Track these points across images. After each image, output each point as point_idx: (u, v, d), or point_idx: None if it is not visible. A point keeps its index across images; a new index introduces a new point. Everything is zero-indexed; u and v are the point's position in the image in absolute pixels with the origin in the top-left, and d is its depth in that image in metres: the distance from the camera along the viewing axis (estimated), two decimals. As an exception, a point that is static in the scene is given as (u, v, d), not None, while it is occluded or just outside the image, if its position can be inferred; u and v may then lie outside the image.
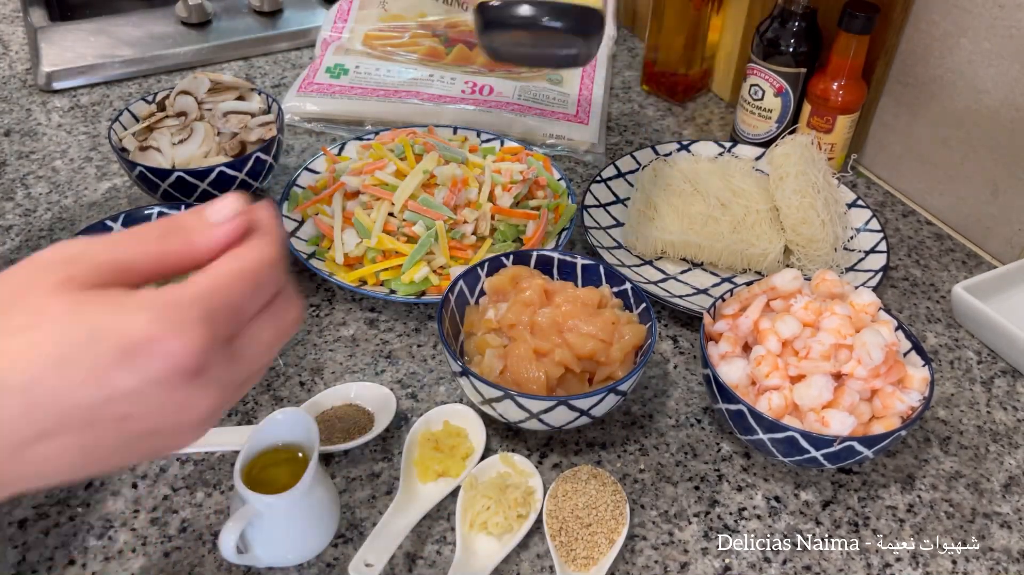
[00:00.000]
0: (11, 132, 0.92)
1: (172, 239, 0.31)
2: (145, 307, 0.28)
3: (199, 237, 0.31)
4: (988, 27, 0.72)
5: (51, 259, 0.29)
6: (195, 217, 0.32)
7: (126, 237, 0.31)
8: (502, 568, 0.52)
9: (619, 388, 0.54)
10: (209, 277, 0.30)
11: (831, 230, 0.72)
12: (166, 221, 0.32)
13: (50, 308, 0.27)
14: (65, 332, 0.27)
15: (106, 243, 0.30)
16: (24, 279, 0.28)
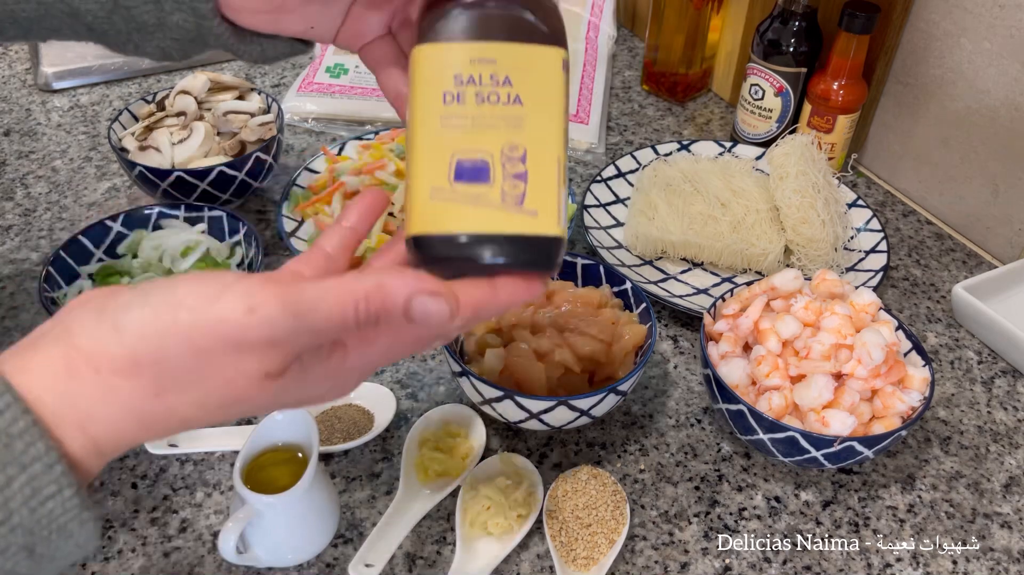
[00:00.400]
0: (11, 132, 0.92)
1: (367, 328, 0.31)
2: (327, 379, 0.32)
3: (389, 331, 0.33)
4: (988, 27, 0.72)
5: (253, 346, 0.29)
6: (403, 312, 0.31)
7: (330, 322, 0.30)
8: (502, 568, 0.52)
9: (619, 388, 0.54)
10: None
11: (831, 230, 0.72)
12: (377, 306, 0.30)
13: (249, 400, 0.30)
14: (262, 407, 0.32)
15: (311, 333, 0.30)
16: (226, 365, 0.29)
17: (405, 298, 0.30)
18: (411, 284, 0.30)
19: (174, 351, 0.28)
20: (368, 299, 0.30)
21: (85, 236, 0.66)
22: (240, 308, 0.28)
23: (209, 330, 0.28)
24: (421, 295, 0.30)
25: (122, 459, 0.58)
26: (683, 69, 0.98)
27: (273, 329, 0.28)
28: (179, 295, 0.28)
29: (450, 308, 0.31)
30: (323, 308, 0.29)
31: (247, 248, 0.68)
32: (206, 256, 0.67)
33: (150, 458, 0.58)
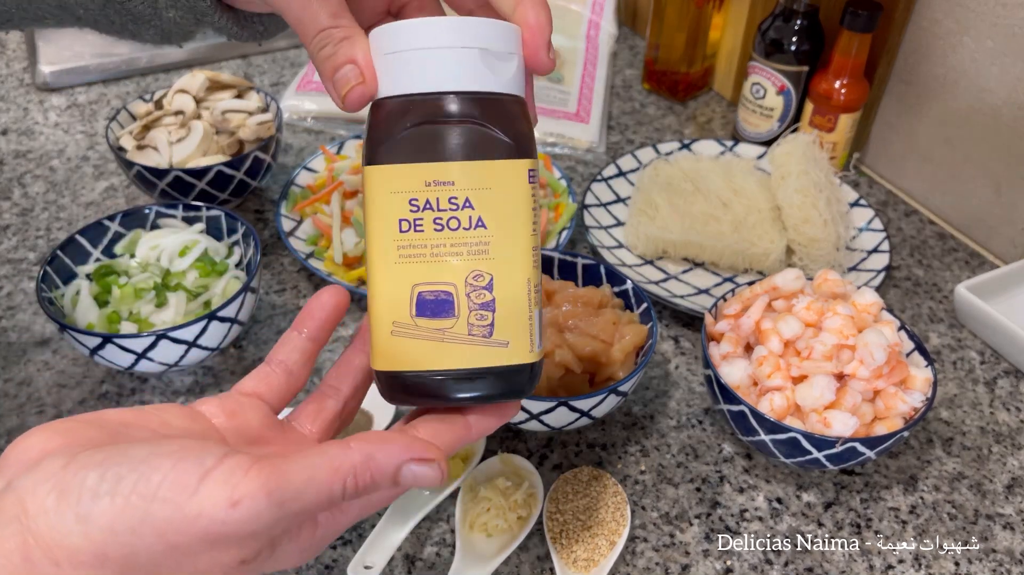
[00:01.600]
0: (8, 131, 0.92)
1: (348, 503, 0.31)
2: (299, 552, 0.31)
3: (373, 497, 0.32)
4: (991, 25, 0.72)
5: (230, 540, 0.27)
6: (392, 481, 0.29)
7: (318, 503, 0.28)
8: (502, 570, 0.52)
9: (620, 389, 0.54)
10: None
11: (833, 229, 0.72)
12: (365, 481, 0.29)
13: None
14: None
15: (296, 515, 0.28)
16: (201, 558, 0.27)
17: (395, 467, 0.29)
18: (401, 454, 0.29)
19: (145, 547, 0.26)
20: (357, 475, 0.28)
21: (83, 235, 0.65)
22: (222, 502, 0.26)
23: (187, 527, 0.25)
24: (411, 464, 0.29)
25: (119, 460, 0.58)
26: (684, 68, 0.98)
27: (258, 522, 0.26)
28: (153, 484, 0.25)
29: (441, 471, 0.30)
30: (311, 492, 0.27)
31: (245, 248, 0.67)
32: (204, 256, 0.66)
33: (148, 459, 0.58)
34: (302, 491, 0.27)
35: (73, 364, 0.65)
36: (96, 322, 0.61)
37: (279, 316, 0.70)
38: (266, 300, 0.71)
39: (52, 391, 0.63)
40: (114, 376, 0.64)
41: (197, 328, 0.58)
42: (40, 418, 0.60)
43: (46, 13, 0.38)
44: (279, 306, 0.71)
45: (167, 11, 0.36)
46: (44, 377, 0.64)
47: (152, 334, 0.56)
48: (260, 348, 0.67)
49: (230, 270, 0.67)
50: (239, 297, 0.59)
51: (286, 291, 0.72)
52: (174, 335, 0.57)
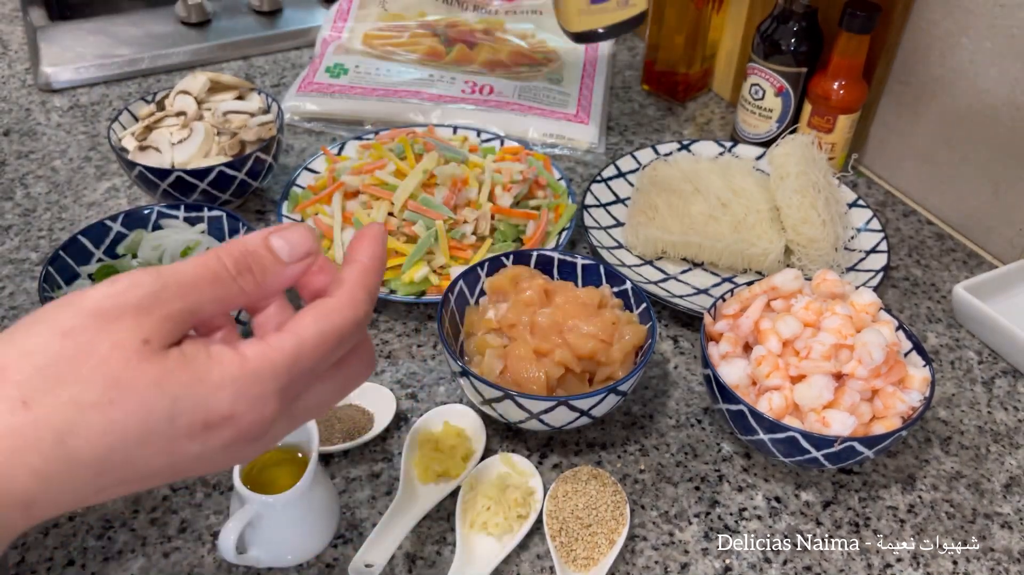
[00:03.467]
0: (10, 132, 0.92)
1: (244, 279, 0.30)
2: (228, 382, 0.28)
3: (271, 278, 0.31)
4: (989, 26, 0.72)
5: (123, 310, 0.27)
6: (266, 251, 0.31)
7: (199, 278, 0.29)
8: (502, 569, 0.52)
9: (619, 388, 0.54)
10: (293, 343, 0.30)
11: (832, 230, 0.72)
12: (237, 253, 0.30)
13: (132, 382, 0.26)
14: (148, 411, 0.26)
15: (179, 287, 0.28)
16: (98, 340, 0.26)
17: (262, 237, 0.31)
18: (263, 231, 0.31)
19: (41, 341, 0.26)
20: (227, 248, 0.30)
21: (85, 236, 0.66)
22: (102, 285, 0.27)
23: (74, 310, 0.26)
24: (274, 232, 0.31)
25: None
26: (683, 69, 0.98)
27: (138, 288, 0.27)
28: (48, 305, 0.27)
29: (309, 230, 0.31)
30: (187, 266, 0.29)
31: (247, 248, 0.68)
32: (206, 256, 0.67)
33: (150, 458, 0.58)
34: (180, 267, 0.29)
35: (75, 364, 0.65)
36: (98, 322, 0.61)
37: (280, 316, 0.70)
38: (267, 300, 0.72)
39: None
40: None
41: (199, 328, 0.58)
42: (43, 417, 0.61)
43: None
44: (280, 306, 0.71)
45: None
46: (46, 377, 0.64)
47: (154, 334, 0.56)
48: (261, 348, 0.67)
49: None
50: (241, 297, 0.60)
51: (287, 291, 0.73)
52: (176, 335, 0.57)
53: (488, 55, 1.03)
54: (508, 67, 1.02)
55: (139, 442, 0.26)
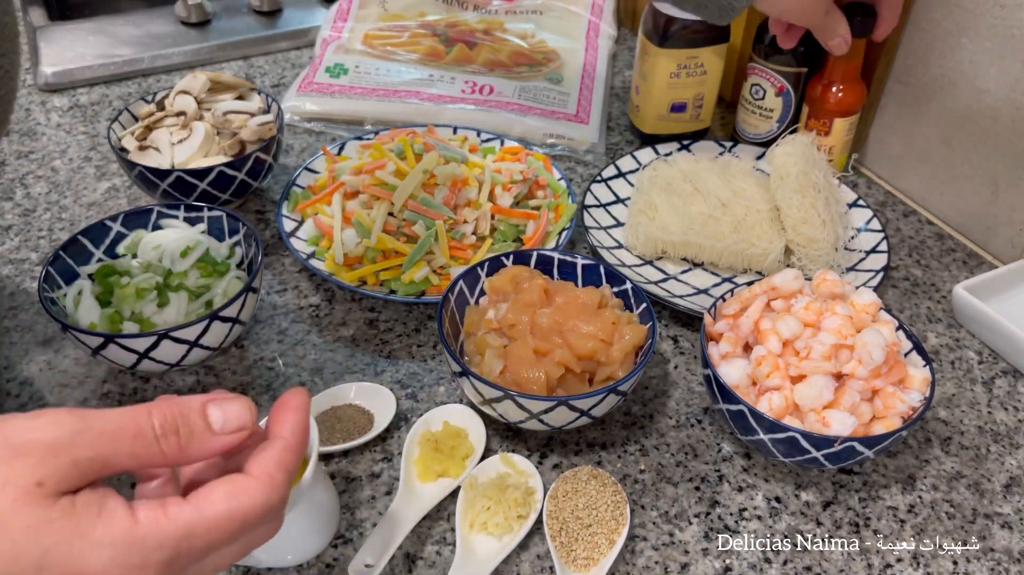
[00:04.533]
0: (10, 132, 0.92)
1: (167, 441, 0.29)
2: (107, 543, 0.27)
3: (196, 445, 0.30)
4: (989, 26, 0.72)
5: (32, 448, 0.26)
6: (199, 418, 0.30)
7: (121, 430, 0.28)
8: (502, 569, 0.52)
9: (619, 388, 0.54)
10: (190, 518, 0.29)
11: (832, 230, 0.72)
12: (169, 414, 0.29)
13: (9, 523, 0.26)
14: (17, 556, 0.26)
15: (98, 435, 0.27)
16: (2, 477, 0.26)
17: (200, 403, 0.30)
18: (202, 398, 0.30)
19: None
20: (161, 407, 0.29)
21: (85, 236, 0.66)
22: (28, 416, 0.27)
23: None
24: (213, 402, 0.30)
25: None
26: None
27: (56, 428, 0.26)
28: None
29: (248, 406, 0.31)
30: (114, 415, 0.28)
31: (247, 248, 0.68)
32: (206, 256, 0.67)
33: (150, 458, 0.58)
34: (108, 416, 0.28)
35: (75, 364, 0.65)
36: (98, 322, 0.61)
37: (280, 316, 0.70)
38: (267, 300, 0.72)
39: (54, 391, 0.63)
40: (116, 376, 0.64)
41: (199, 328, 0.58)
42: (42, 417, 0.61)
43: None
44: (280, 306, 0.71)
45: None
46: (46, 377, 0.64)
47: (154, 334, 0.56)
48: (261, 348, 0.67)
49: (231, 270, 0.67)
50: (240, 297, 0.60)
51: (287, 291, 0.73)
52: (176, 335, 0.57)
53: (488, 55, 1.03)
54: (508, 67, 1.02)
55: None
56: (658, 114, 0.89)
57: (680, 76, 0.86)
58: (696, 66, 0.86)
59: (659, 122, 0.90)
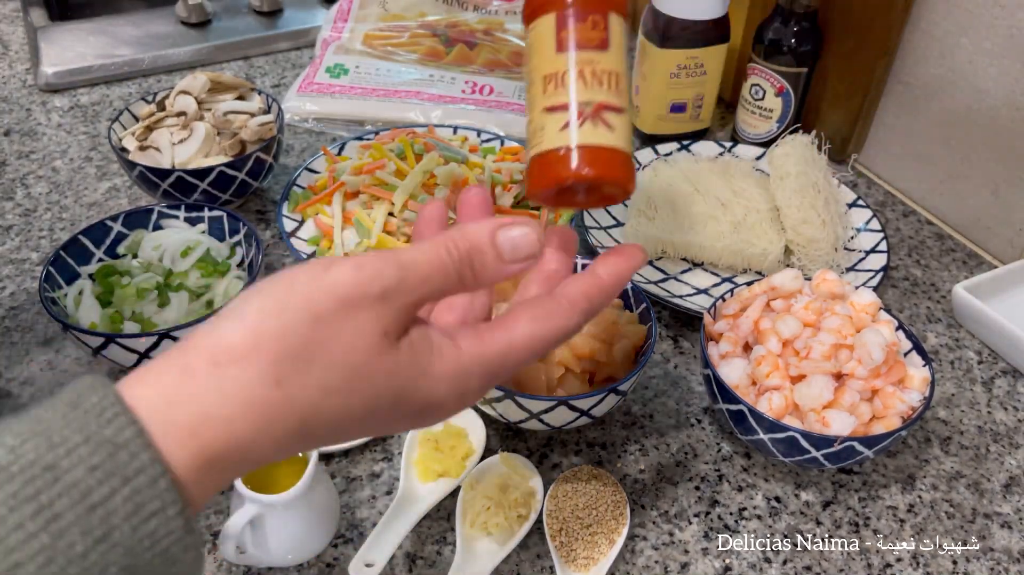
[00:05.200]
0: (11, 132, 0.92)
1: (464, 273, 0.31)
2: (445, 377, 0.30)
3: (489, 275, 0.32)
4: (989, 26, 0.72)
5: (367, 299, 0.28)
6: (491, 248, 0.31)
7: (432, 271, 0.30)
8: (502, 569, 0.52)
9: (619, 388, 0.54)
10: (504, 342, 0.32)
11: (831, 230, 0.72)
12: (464, 247, 0.31)
13: (371, 373, 0.29)
14: (378, 398, 0.29)
15: (417, 280, 0.30)
16: (345, 329, 0.28)
17: (489, 233, 0.31)
18: (489, 223, 0.32)
19: (294, 322, 0.27)
20: (455, 241, 0.31)
21: (85, 236, 0.66)
22: (349, 268, 0.29)
23: (324, 294, 0.28)
24: (501, 229, 0.32)
25: (122, 459, 0.58)
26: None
27: (382, 279, 0.29)
28: (289, 276, 0.29)
29: (535, 232, 0.32)
30: (421, 256, 0.30)
31: (247, 248, 0.68)
32: (206, 256, 0.67)
33: (150, 458, 0.58)
34: (414, 256, 0.30)
35: (76, 364, 0.65)
36: (99, 322, 0.61)
37: (280, 316, 0.70)
38: (268, 300, 0.72)
39: (55, 391, 0.63)
40: (117, 376, 0.64)
41: (199, 328, 0.58)
42: (43, 417, 0.61)
43: None
44: (280, 306, 0.71)
45: None
46: (47, 377, 0.64)
47: (155, 334, 0.56)
48: (262, 348, 0.67)
49: (232, 270, 0.67)
50: (241, 297, 0.60)
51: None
52: (177, 335, 0.57)
53: (488, 55, 1.03)
54: (508, 67, 1.02)
55: (362, 420, 0.29)
56: (658, 114, 0.89)
57: (680, 76, 0.86)
58: (696, 66, 0.86)
59: (659, 122, 0.90)
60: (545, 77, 0.35)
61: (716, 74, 0.88)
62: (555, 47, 0.35)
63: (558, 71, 0.35)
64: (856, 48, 0.83)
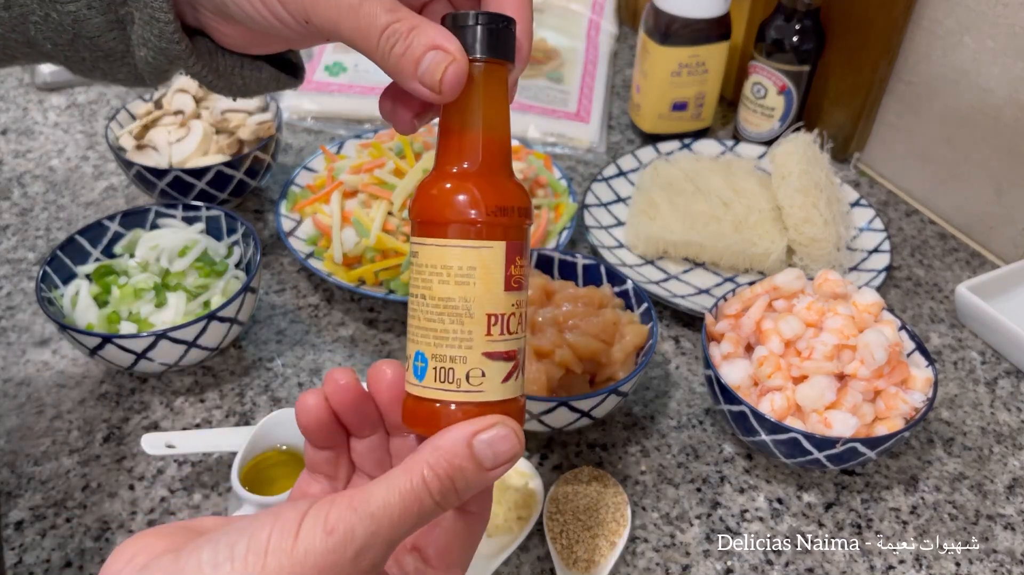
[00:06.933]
0: (8, 131, 0.92)
1: (447, 501, 0.29)
2: None
3: (474, 490, 0.30)
4: (991, 25, 0.72)
5: (342, 564, 0.26)
6: (470, 463, 0.29)
7: (406, 514, 0.28)
8: (502, 571, 0.51)
9: (620, 389, 0.54)
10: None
11: (834, 229, 0.72)
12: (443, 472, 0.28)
13: None
14: None
15: (390, 529, 0.27)
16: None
17: (464, 443, 0.29)
18: (463, 430, 0.29)
19: None
20: (433, 467, 0.28)
21: (82, 235, 0.65)
22: (319, 534, 0.26)
23: (299, 568, 0.26)
24: (478, 435, 0.29)
25: (118, 460, 0.58)
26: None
27: (355, 540, 0.26)
28: (262, 540, 0.26)
29: (513, 430, 0.30)
30: (394, 498, 0.27)
31: (245, 247, 0.67)
32: (204, 256, 0.66)
33: (147, 459, 0.58)
34: (387, 499, 0.27)
35: (73, 364, 0.65)
36: (96, 322, 0.61)
37: (279, 316, 0.70)
38: (266, 300, 0.71)
39: (52, 391, 0.62)
40: (113, 376, 0.64)
41: (197, 328, 0.57)
42: (39, 418, 0.60)
43: (15, 52, 0.36)
44: (279, 306, 0.71)
45: (139, 49, 0.33)
46: (44, 377, 0.64)
47: (152, 334, 0.56)
48: (260, 348, 0.67)
49: (230, 270, 0.66)
50: (239, 297, 0.59)
51: (286, 291, 0.72)
52: (174, 335, 0.57)
53: (488, 53, 1.03)
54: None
55: None
56: (659, 113, 0.89)
57: (681, 75, 0.86)
58: (697, 64, 0.85)
59: (660, 121, 0.89)
60: (490, 316, 0.31)
61: (718, 72, 0.87)
62: (503, 284, 0.31)
63: (504, 313, 0.31)
64: (858, 46, 0.82)
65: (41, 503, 0.55)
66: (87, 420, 0.60)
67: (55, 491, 0.56)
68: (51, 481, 0.56)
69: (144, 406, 0.62)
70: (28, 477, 0.56)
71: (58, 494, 0.55)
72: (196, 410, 0.61)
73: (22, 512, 0.54)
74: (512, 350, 0.31)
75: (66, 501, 0.55)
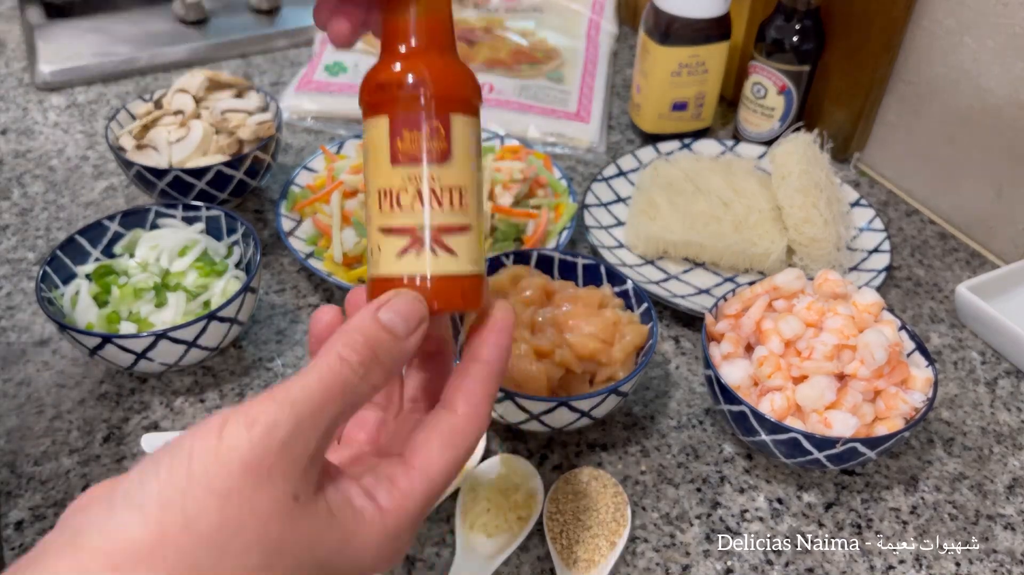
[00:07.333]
0: (7, 131, 0.92)
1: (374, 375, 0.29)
2: (371, 544, 0.28)
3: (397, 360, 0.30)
4: (992, 25, 0.72)
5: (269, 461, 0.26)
6: (383, 332, 0.29)
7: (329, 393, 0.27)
8: (502, 571, 0.51)
9: (620, 389, 0.54)
10: (425, 486, 0.30)
11: (834, 229, 0.71)
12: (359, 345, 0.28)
13: (289, 547, 0.26)
14: (299, 568, 0.27)
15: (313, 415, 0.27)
16: (255, 502, 0.25)
17: (372, 317, 0.29)
18: (366, 309, 0.29)
19: (199, 508, 0.25)
20: (348, 344, 0.28)
21: (82, 235, 0.65)
22: (242, 429, 0.26)
23: (224, 467, 0.25)
24: (380, 308, 0.30)
25: (118, 460, 0.58)
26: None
27: (278, 430, 0.26)
28: (186, 448, 0.26)
29: (409, 292, 0.30)
30: (314, 381, 0.27)
31: (245, 247, 0.67)
32: (204, 255, 0.66)
33: (147, 459, 0.58)
34: (306, 383, 0.27)
35: (72, 364, 0.65)
36: (95, 322, 0.61)
37: (279, 316, 0.70)
38: (266, 300, 0.71)
39: (51, 391, 0.62)
40: (113, 376, 0.64)
41: (197, 328, 0.57)
42: (39, 418, 0.60)
43: None
44: (279, 306, 0.71)
45: None
46: (43, 377, 0.64)
47: (152, 334, 0.56)
48: (260, 348, 0.67)
49: (230, 270, 0.66)
50: (239, 297, 0.59)
51: (286, 291, 0.72)
52: (174, 335, 0.57)
53: (488, 53, 1.03)
54: (509, 65, 1.01)
55: None
56: (659, 112, 0.89)
57: (681, 74, 0.86)
58: (697, 64, 0.85)
59: (660, 121, 0.89)
60: (380, 192, 0.31)
61: (718, 72, 0.87)
62: (389, 158, 0.30)
63: (392, 188, 0.31)
64: (859, 46, 0.82)
65: (41, 503, 0.55)
66: (87, 420, 0.60)
67: (55, 491, 0.55)
68: (51, 481, 0.56)
69: (144, 406, 0.62)
70: (28, 477, 0.56)
71: (58, 494, 0.55)
72: (196, 410, 0.61)
73: (22, 512, 0.54)
74: (401, 226, 0.31)
75: (66, 501, 0.55)
